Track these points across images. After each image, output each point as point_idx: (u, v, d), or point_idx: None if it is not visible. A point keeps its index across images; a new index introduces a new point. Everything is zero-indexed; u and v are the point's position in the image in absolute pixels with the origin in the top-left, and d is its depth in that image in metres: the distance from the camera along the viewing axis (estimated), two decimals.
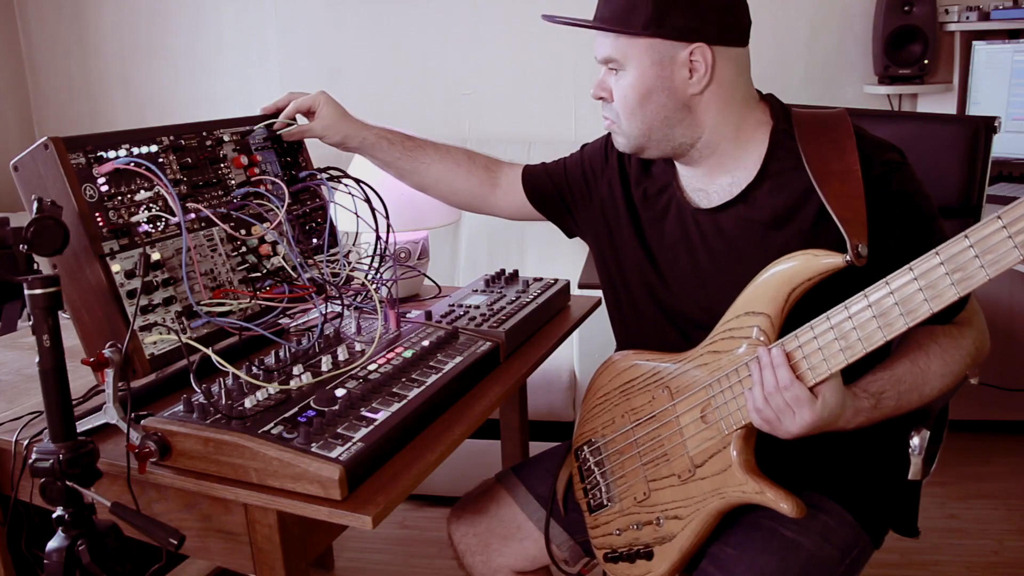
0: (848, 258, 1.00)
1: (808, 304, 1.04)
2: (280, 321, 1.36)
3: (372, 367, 1.20)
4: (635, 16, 1.12)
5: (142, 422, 1.05)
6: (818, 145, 1.13)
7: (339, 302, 1.34)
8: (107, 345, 1.06)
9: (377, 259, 1.41)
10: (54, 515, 1.00)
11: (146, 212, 1.20)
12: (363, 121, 1.49)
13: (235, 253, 1.32)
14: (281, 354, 1.22)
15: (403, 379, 1.17)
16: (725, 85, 1.15)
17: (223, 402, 1.06)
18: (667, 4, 1.11)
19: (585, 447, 1.34)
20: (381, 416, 1.07)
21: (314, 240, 1.45)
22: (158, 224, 1.21)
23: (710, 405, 1.13)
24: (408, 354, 1.25)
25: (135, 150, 1.23)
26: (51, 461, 0.97)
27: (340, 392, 1.11)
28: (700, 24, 1.12)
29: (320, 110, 1.43)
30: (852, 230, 1.03)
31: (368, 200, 1.39)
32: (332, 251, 1.48)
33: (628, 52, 1.14)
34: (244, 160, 1.37)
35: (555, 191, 1.46)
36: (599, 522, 1.30)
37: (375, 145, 1.48)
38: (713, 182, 1.21)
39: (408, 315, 1.44)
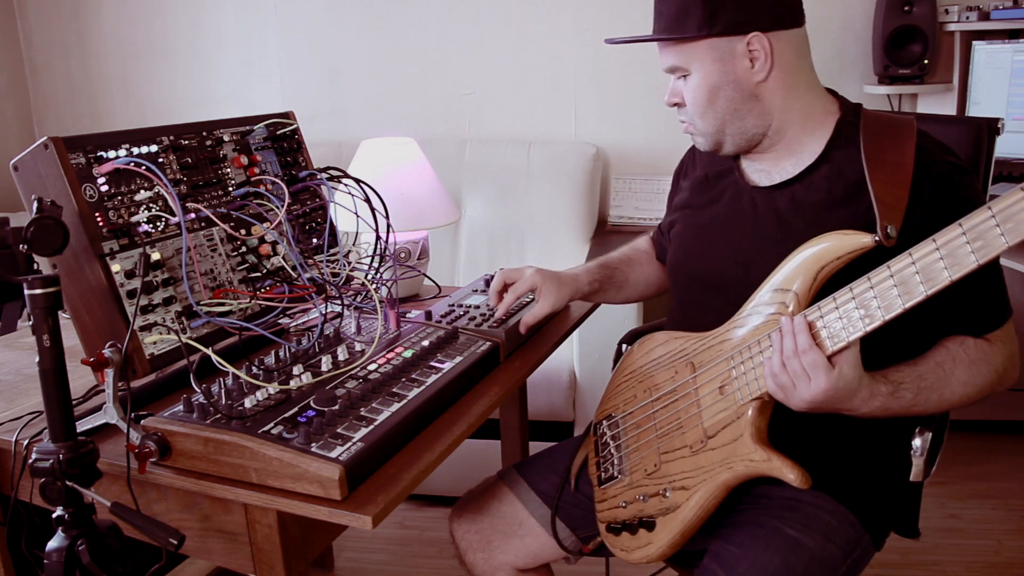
0: (877, 238, 1.02)
1: (838, 286, 1.05)
2: (280, 321, 1.36)
3: (372, 367, 1.20)
4: (688, 21, 1.16)
5: (142, 422, 1.05)
6: (878, 138, 1.16)
7: (339, 302, 1.34)
8: (107, 345, 1.06)
9: (377, 259, 1.41)
10: (54, 515, 1.00)
11: (146, 212, 1.20)
12: (574, 273, 1.43)
13: (235, 253, 1.32)
14: (281, 354, 1.22)
15: (403, 379, 1.17)
16: (787, 68, 1.18)
17: (223, 402, 1.06)
18: (717, 2, 1.14)
19: (604, 421, 1.35)
20: (381, 416, 1.07)
21: (314, 240, 1.45)
22: (158, 224, 1.21)
23: (729, 376, 1.14)
24: (408, 354, 1.25)
25: (135, 150, 1.23)
26: (51, 461, 0.97)
27: (340, 392, 1.11)
28: (751, 15, 1.15)
29: (541, 287, 1.39)
30: (885, 212, 1.05)
31: (368, 200, 1.39)
32: (332, 251, 1.48)
33: (689, 56, 1.19)
34: (244, 160, 1.37)
35: None
36: (607, 495, 1.31)
37: (591, 294, 1.47)
38: (778, 165, 1.24)
39: (408, 315, 1.44)
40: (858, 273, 1.03)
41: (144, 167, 1.20)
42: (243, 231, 1.33)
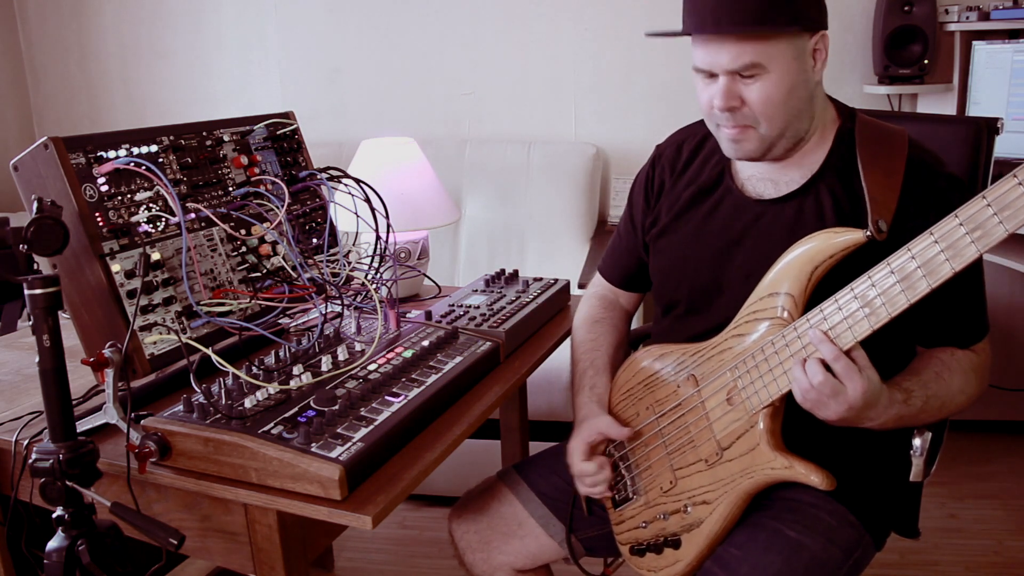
0: (868, 232, 1.02)
1: (833, 285, 1.05)
2: (280, 321, 1.36)
3: (372, 367, 1.20)
4: (779, 12, 1.09)
5: (142, 422, 1.05)
6: (873, 147, 1.16)
7: (339, 302, 1.34)
8: (107, 345, 1.06)
9: (377, 259, 1.41)
10: (54, 515, 1.00)
11: (146, 212, 1.20)
12: (596, 406, 1.32)
13: (235, 253, 1.32)
14: (281, 354, 1.22)
15: (403, 379, 1.17)
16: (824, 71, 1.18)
17: (223, 402, 1.06)
18: None
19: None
20: (381, 416, 1.07)
21: (314, 240, 1.45)
22: (158, 224, 1.21)
23: (736, 387, 1.13)
24: (408, 354, 1.25)
25: (135, 150, 1.23)
26: (51, 461, 0.97)
27: (340, 392, 1.11)
28: (819, 11, 1.14)
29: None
30: (876, 208, 1.05)
31: (368, 200, 1.39)
32: (332, 251, 1.48)
33: (772, 52, 1.10)
34: (244, 160, 1.37)
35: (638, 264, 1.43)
36: (624, 517, 1.30)
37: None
38: (786, 173, 1.21)
39: (408, 315, 1.44)
40: (850, 275, 1.02)
41: (144, 167, 1.20)
42: (243, 231, 1.33)
